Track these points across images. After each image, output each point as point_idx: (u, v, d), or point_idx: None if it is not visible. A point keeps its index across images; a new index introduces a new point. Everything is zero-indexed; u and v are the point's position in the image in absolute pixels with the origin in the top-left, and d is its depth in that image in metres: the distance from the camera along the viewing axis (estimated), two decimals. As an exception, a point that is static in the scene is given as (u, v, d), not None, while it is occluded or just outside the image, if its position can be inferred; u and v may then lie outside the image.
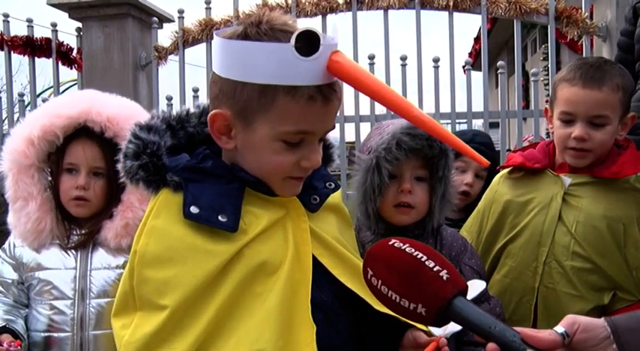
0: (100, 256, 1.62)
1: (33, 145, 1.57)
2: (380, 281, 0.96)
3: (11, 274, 1.64)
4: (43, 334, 1.59)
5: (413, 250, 0.95)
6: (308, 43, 0.98)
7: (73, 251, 1.62)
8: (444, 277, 0.91)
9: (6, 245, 1.67)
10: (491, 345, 0.87)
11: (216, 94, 1.08)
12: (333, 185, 1.22)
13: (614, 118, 1.62)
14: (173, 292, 1.01)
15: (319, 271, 1.11)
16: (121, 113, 1.61)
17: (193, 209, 1.04)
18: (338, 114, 4.93)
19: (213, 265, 1.02)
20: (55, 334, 1.58)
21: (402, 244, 0.96)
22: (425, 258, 0.93)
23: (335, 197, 1.24)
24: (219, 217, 1.04)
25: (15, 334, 1.53)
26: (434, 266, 0.92)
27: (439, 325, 0.95)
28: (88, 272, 1.60)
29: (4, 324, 1.54)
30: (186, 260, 1.03)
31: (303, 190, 1.15)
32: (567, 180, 1.68)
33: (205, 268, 1.02)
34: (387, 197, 1.49)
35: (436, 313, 0.92)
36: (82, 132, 1.61)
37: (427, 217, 1.53)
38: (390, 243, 0.97)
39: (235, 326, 1.02)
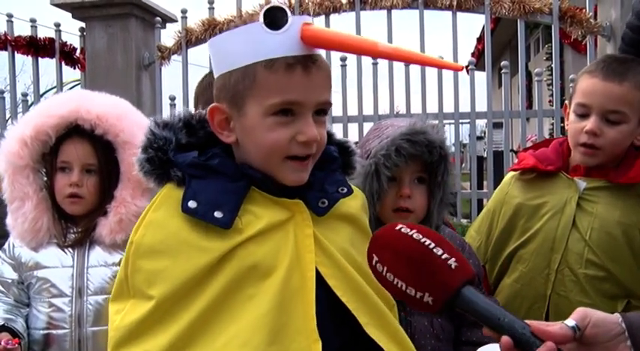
0: (97, 254, 1.64)
1: (26, 146, 1.60)
2: (385, 268, 0.92)
3: (11, 274, 1.65)
4: (42, 332, 1.61)
5: (420, 236, 0.91)
6: (277, 18, 1.03)
7: (70, 250, 1.64)
8: (452, 266, 0.88)
9: (6, 246, 1.68)
10: (505, 339, 0.84)
11: (215, 95, 1.12)
12: (345, 190, 1.19)
13: (633, 117, 1.54)
14: (161, 283, 1.03)
15: (317, 279, 1.09)
16: (110, 111, 1.64)
17: (191, 204, 1.05)
18: (341, 114, 4.87)
19: (203, 262, 1.03)
20: (54, 332, 1.60)
21: (409, 230, 0.92)
22: (433, 245, 0.90)
23: (352, 207, 1.22)
24: (215, 214, 1.05)
25: (14, 333, 1.54)
26: (442, 254, 0.89)
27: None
28: (85, 270, 1.62)
29: (3, 323, 1.55)
30: (178, 254, 1.04)
31: (313, 193, 1.14)
32: (582, 184, 1.61)
33: (195, 263, 1.03)
34: (386, 202, 1.48)
35: (443, 303, 0.89)
36: (73, 131, 1.63)
37: (425, 220, 1.52)
38: (397, 228, 0.93)
39: (225, 327, 1.02)
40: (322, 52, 1.11)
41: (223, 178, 1.09)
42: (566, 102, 1.71)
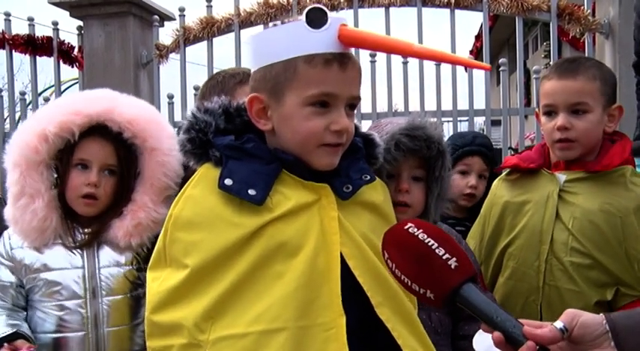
0: (107, 255, 1.60)
1: (46, 141, 1.55)
2: (394, 264, 1.00)
3: (9, 277, 1.60)
4: (52, 335, 1.56)
5: (425, 236, 0.98)
6: (317, 17, 1.13)
7: (78, 250, 1.59)
8: (452, 266, 0.94)
9: (1, 248, 1.62)
10: (496, 334, 0.91)
11: (252, 86, 1.22)
12: (368, 177, 1.26)
13: (595, 106, 1.65)
14: (196, 253, 1.13)
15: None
16: (141, 115, 1.63)
17: (227, 181, 1.15)
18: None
19: (235, 236, 1.12)
20: (67, 335, 1.56)
21: (416, 229, 0.99)
22: (436, 245, 0.96)
23: (373, 196, 1.28)
24: (249, 191, 1.14)
25: (25, 338, 1.51)
26: (444, 254, 0.95)
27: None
28: (97, 271, 1.59)
29: (14, 330, 1.51)
30: (213, 228, 1.14)
31: (339, 178, 1.21)
32: (562, 177, 1.69)
33: (228, 237, 1.12)
34: None
35: (443, 299, 0.95)
36: (95, 130, 1.59)
37: (423, 216, 1.53)
38: (406, 227, 1.00)
39: (255, 300, 1.10)
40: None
41: (257, 161, 1.19)
42: (536, 109, 1.82)
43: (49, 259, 1.58)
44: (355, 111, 1.23)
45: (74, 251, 1.59)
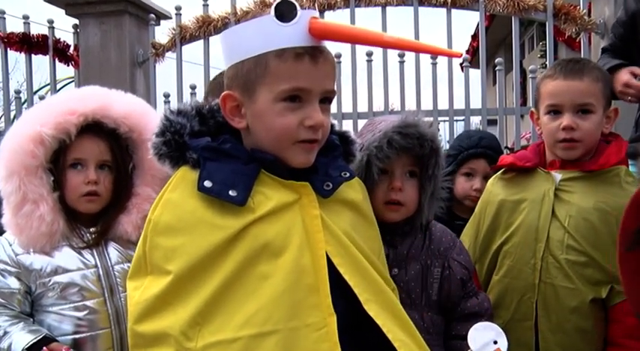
0: (116, 251, 1.61)
1: (43, 144, 1.52)
2: None
3: (15, 284, 1.56)
4: (71, 337, 1.54)
5: None
6: (287, 11, 1.11)
7: (87, 250, 1.59)
8: None
9: (2, 256, 1.58)
10: None
11: (226, 83, 1.20)
12: (348, 174, 1.26)
13: (598, 107, 1.68)
14: (179, 259, 1.10)
15: None
16: (136, 109, 1.64)
17: (207, 183, 1.13)
18: (336, 111, 4.89)
19: (218, 239, 1.10)
20: (88, 334, 1.55)
21: None
22: None
23: (352, 194, 1.28)
24: (230, 192, 1.12)
25: (56, 341, 1.49)
26: None
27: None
28: (111, 268, 1.59)
29: (40, 335, 1.48)
30: (194, 231, 1.11)
31: (318, 177, 1.20)
32: (558, 176, 1.71)
33: (210, 240, 1.10)
34: (377, 194, 1.49)
35: None
36: (88, 128, 1.58)
37: (416, 215, 1.53)
38: None
39: (242, 303, 1.08)
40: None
41: (235, 161, 1.17)
42: (532, 109, 1.83)
43: (62, 262, 1.56)
44: (333, 107, 1.21)
45: (83, 251, 1.58)
